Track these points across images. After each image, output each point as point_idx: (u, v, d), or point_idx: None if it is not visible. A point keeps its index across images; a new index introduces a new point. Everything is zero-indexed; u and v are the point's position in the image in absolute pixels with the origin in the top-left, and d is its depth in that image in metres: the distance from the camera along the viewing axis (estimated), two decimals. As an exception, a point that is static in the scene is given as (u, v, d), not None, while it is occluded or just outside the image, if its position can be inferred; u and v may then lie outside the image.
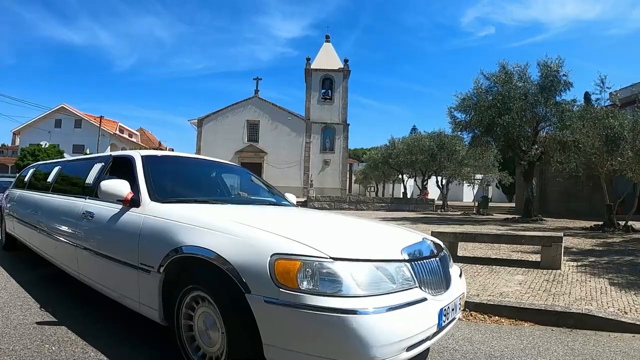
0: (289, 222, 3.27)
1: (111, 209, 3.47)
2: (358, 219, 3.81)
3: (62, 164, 5.71)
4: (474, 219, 21.19)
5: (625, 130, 12.67)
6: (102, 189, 3.32)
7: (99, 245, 3.55)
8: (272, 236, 2.38)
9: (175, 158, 4.79)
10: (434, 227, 14.37)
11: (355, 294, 2.12)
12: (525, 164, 18.85)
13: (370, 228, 3.29)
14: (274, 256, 2.21)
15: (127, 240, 3.12)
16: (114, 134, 52.78)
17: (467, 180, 33.21)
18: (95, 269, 3.65)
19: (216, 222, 2.71)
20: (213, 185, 4.78)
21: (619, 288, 5.48)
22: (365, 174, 46.37)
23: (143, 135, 67.79)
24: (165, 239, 2.78)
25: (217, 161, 5.23)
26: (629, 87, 16.90)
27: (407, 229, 3.36)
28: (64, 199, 4.56)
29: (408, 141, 33.46)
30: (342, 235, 2.89)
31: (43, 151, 40.12)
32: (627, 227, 13.29)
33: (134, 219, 3.19)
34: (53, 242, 4.48)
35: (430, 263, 2.69)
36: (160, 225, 2.94)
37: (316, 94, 42.84)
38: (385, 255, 2.45)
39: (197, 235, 2.62)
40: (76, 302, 4.29)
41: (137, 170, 3.65)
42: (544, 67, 17.49)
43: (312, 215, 3.87)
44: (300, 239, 2.32)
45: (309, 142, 42.23)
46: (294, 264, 2.16)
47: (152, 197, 3.34)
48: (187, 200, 3.56)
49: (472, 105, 18.81)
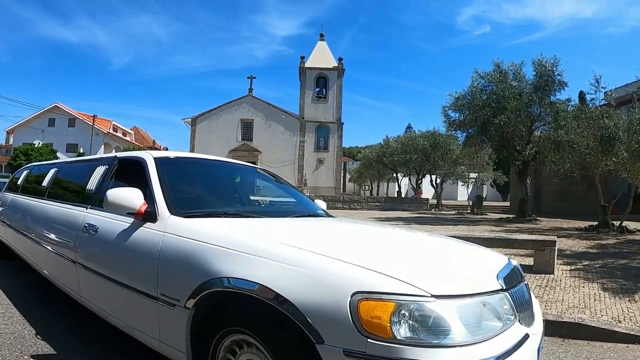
0: (354, 244, 2.61)
1: (120, 223, 2.91)
2: (416, 233, 3.27)
3: (58, 166, 5.09)
4: (468, 218, 21.11)
5: (620, 130, 12.55)
6: (109, 200, 2.75)
7: (105, 266, 2.98)
8: (349, 268, 1.83)
9: (193, 160, 4.06)
10: (427, 227, 14.29)
11: (465, 342, 1.68)
12: (519, 163, 18.76)
13: (449, 247, 2.77)
14: (356, 295, 1.69)
15: (142, 264, 2.60)
16: (107, 132, 52.61)
17: (462, 180, 33.16)
18: (101, 294, 3.10)
19: (265, 246, 2.14)
20: (239, 193, 4.16)
21: (613, 294, 5.35)
22: (360, 173, 46.39)
23: (137, 134, 67.49)
24: (194, 266, 2.24)
25: (239, 163, 4.63)
26: (623, 86, 16.79)
27: (487, 248, 2.94)
28: (61, 207, 3.98)
29: (402, 140, 33.40)
30: (430, 262, 2.29)
31: (36, 150, 39.99)
32: (621, 228, 13.17)
33: (150, 238, 2.63)
34: (49, 257, 3.93)
35: (521, 289, 2.28)
36: (187, 247, 2.37)
37: (310, 93, 42.71)
38: (487, 285, 1.99)
39: (239, 263, 2.07)
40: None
41: (150, 176, 3.05)
42: (538, 66, 17.39)
43: (372, 232, 3.23)
44: (388, 271, 1.79)
45: (303, 141, 42.08)
46: (386, 306, 1.66)
47: (172, 209, 2.75)
48: (216, 213, 2.96)
49: (466, 104, 18.73)
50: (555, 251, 6.66)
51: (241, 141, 41.99)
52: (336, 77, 42.82)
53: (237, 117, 42.28)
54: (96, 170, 3.79)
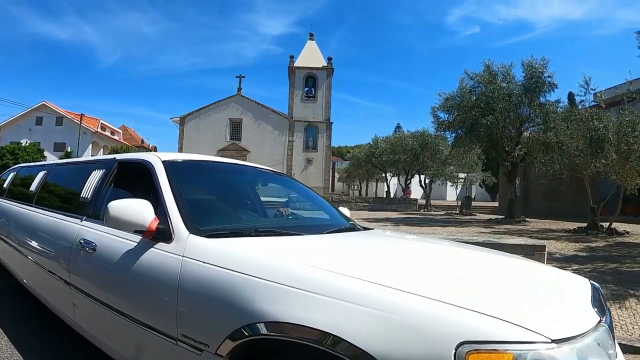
0: (434, 272, 1.99)
1: (124, 242, 2.40)
2: (484, 252, 2.71)
3: (48, 168, 4.48)
4: (457, 219, 21.01)
5: (610, 132, 12.52)
6: (112, 214, 2.21)
7: (107, 294, 2.45)
8: (449, 310, 1.42)
9: (208, 165, 3.42)
10: (416, 228, 14.17)
11: None
12: (508, 164, 18.75)
13: (527, 270, 2.28)
14: (463, 347, 1.31)
15: (156, 296, 2.09)
16: (95, 131, 51.94)
17: (451, 180, 33.14)
18: (102, 326, 2.59)
19: (325, 279, 1.65)
20: (259, 203, 3.60)
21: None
22: (349, 173, 46.32)
23: (125, 132, 66.81)
24: (230, 304, 1.76)
25: (259, 168, 3.97)
26: (612, 88, 16.80)
27: (557, 269, 2.51)
28: (51, 217, 3.42)
29: (391, 140, 33.40)
30: (526, 294, 1.81)
31: (23, 150, 39.33)
32: (610, 230, 13.14)
33: (165, 263, 2.10)
34: (37, 273, 3.39)
35: (609, 313, 1.88)
36: (217, 278, 1.86)
37: (299, 92, 42.43)
38: (592, 319, 1.63)
39: (293, 302, 1.61)
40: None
41: (160, 184, 2.51)
42: (528, 67, 17.39)
43: (442, 253, 2.57)
44: (497, 312, 1.41)
45: (291, 141, 41.82)
46: (503, 358, 1.30)
47: (190, 226, 2.22)
48: (244, 231, 2.41)
49: (455, 105, 18.71)
50: (545, 256, 6.52)
51: (230, 141, 41.62)
52: (325, 77, 42.59)
53: (225, 116, 41.89)
54: (92, 174, 3.24)
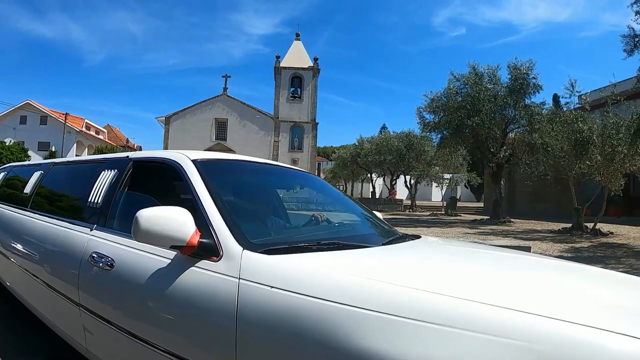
0: (542, 290, 1.59)
1: (153, 258, 1.90)
2: (568, 263, 2.49)
3: (44, 168, 3.91)
4: (442, 220, 21.09)
5: (594, 134, 12.63)
6: (143, 226, 1.71)
7: (133, 323, 1.93)
8: (606, 336, 1.10)
9: (241, 165, 2.90)
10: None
11: None
12: (493, 165, 18.85)
13: (608, 278, 2.00)
14: None
15: (204, 328, 1.63)
16: (80, 131, 51.13)
17: (436, 181, 33.30)
18: (121, 356, 2.09)
19: (445, 304, 1.26)
20: (284, 210, 3.22)
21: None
22: (334, 173, 46.24)
23: (110, 132, 65.95)
24: (319, 342, 1.31)
25: (291, 168, 3.50)
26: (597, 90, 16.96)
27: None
28: (52, 224, 2.89)
29: (377, 141, 33.44)
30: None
31: (7, 149, 38.56)
32: (595, 231, 13.24)
33: (214, 287, 1.63)
34: (37, 289, 2.83)
35: None
36: (292, 306, 1.41)
37: (285, 92, 42.26)
38: None
39: (408, 338, 1.19)
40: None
41: (196, 189, 2.03)
42: (514, 69, 17.51)
43: (529, 265, 2.19)
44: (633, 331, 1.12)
45: (277, 141, 41.62)
46: None
47: (242, 240, 1.75)
48: (304, 244, 1.95)
49: (441, 106, 18.77)
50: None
51: (215, 140, 41.28)
52: (311, 77, 42.49)
53: (211, 116, 41.58)
54: (100, 176, 2.73)
